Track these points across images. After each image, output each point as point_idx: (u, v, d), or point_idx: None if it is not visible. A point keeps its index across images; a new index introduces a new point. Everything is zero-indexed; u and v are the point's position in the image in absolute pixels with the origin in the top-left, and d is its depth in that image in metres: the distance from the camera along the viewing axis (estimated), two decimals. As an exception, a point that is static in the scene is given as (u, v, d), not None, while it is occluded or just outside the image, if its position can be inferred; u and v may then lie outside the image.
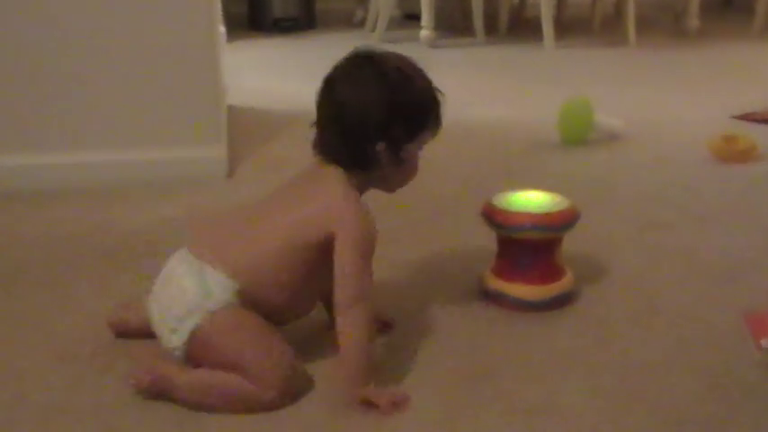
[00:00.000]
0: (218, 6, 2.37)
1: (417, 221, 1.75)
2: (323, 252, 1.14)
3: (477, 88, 3.05)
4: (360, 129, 1.17)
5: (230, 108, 2.52)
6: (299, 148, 1.31)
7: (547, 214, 1.33)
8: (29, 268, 1.55)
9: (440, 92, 1.22)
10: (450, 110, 1.23)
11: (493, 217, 1.36)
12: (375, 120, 1.16)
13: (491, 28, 4.10)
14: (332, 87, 1.21)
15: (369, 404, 1.10)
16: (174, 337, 1.14)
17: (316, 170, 1.23)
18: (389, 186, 1.26)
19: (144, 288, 1.22)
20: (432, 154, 1.29)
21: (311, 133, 1.25)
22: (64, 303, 1.41)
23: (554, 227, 1.34)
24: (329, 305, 1.22)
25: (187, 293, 1.13)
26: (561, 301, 1.37)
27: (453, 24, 4.37)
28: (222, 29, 2.70)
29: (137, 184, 1.96)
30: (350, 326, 1.13)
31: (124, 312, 1.29)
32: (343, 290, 1.13)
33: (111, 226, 1.75)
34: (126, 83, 1.95)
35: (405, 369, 1.20)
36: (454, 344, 1.27)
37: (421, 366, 1.21)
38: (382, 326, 1.29)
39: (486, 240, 1.43)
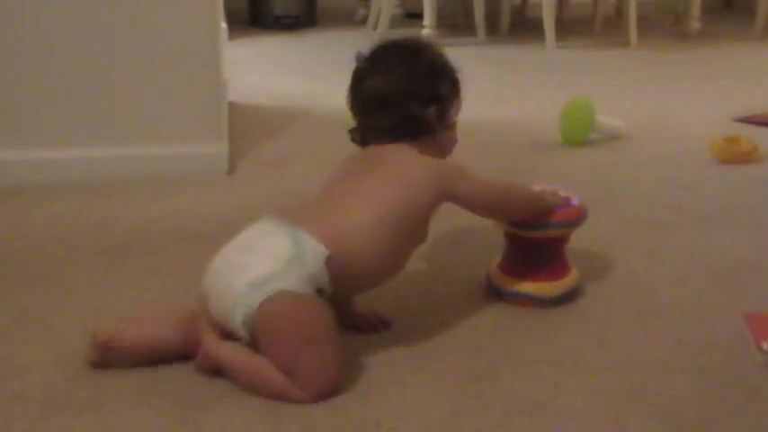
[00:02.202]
0: (220, 3, 2.37)
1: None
2: (425, 216, 1.27)
3: (478, 88, 3.03)
4: (409, 97, 1.29)
5: (231, 105, 2.52)
6: (300, 145, 1.32)
7: (563, 211, 1.35)
8: (29, 263, 1.55)
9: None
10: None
11: None
12: (421, 84, 1.29)
13: (492, 27, 4.10)
14: (366, 73, 1.31)
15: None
16: (239, 310, 1.09)
17: (377, 151, 1.30)
18: (443, 153, 1.36)
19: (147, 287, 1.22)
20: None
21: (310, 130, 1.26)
22: (64, 299, 1.41)
23: (569, 223, 1.36)
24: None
25: (278, 251, 1.11)
26: (570, 297, 1.38)
27: (455, 24, 4.37)
28: (223, 26, 2.70)
29: (137, 180, 1.96)
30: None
31: (128, 330, 1.19)
32: (509, 208, 1.33)
33: (112, 222, 1.75)
34: (127, 79, 1.95)
35: (406, 367, 1.20)
36: (456, 342, 1.27)
37: (423, 364, 1.21)
38: (380, 324, 1.29)
39: (490, 237, 1.43)
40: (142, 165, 1.99)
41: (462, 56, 1.45)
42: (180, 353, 1.18)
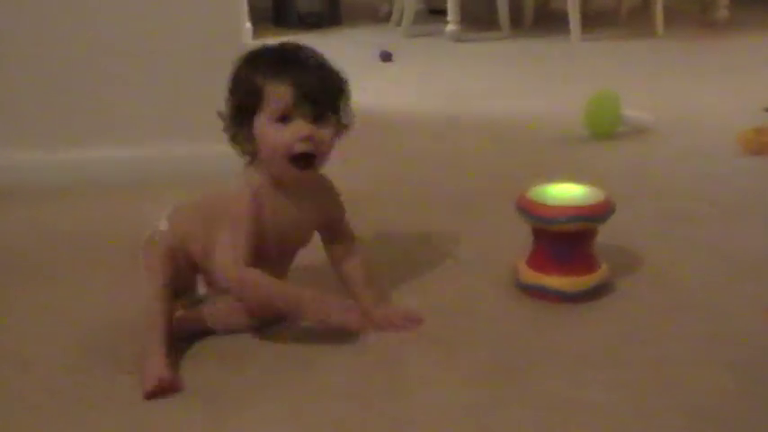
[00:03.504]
0: (244, 3, 2.38)
1: (445, 215, 1.75)
2: None
3: (503, 82, 3.04)
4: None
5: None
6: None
7: (588, 205, 1.35)
8: (53, 262, 1.57)
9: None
10: (476, 103, 1.24)
11: (531, 209, 1.36)
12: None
13: (516, 21, 4.08)
14: None
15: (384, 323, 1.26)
16: None
17: None
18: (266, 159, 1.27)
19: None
20: (458, 147, 1.29)
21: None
22: (85, 297, 1.43)
23: (596, 217, 1.36)
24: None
25: None
26: (598, 292, 1.38)
27: (478, 18, 4.35)
28: (248, 25, 2.71)
29: (162, 179, 1.97)
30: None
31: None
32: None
33: (137, 221, 1.76)
34: (152, 79, 1.97)
35: (433, 360, 1.20)
36: (482, 336, 1.27)
37: (449, 358, 1.21)
38: (408, 323, 1.30)
39: (517, 232, 1.43)
40: (167, 164, 2.00)
41: (487, 50, 1.46)
42: None
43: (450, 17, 3.79)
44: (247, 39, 2.81)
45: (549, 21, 4.23)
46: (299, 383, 1.16)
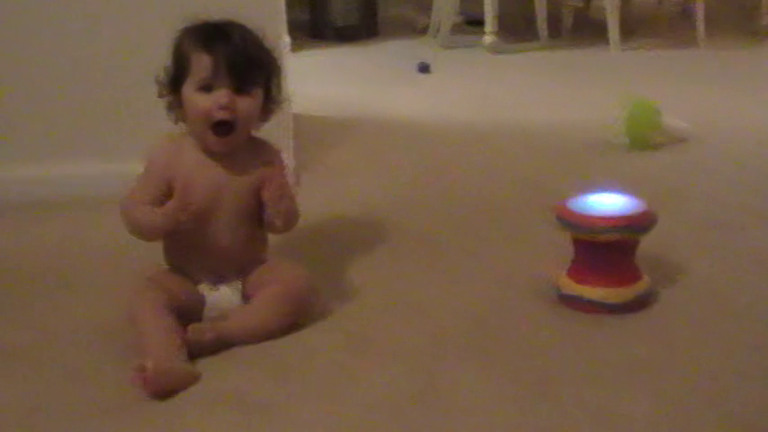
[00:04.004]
0: (283, 17, 2.41)
1: (484, 223, 1.75)
2: None
3: (542, 91, 3.03)
4: None
5: (295, 116, 2.55)
6: (365, 154, 1.33)
7: (631, 215, 1.35)
8: (94, 274, 1.57)
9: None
10: (514, 113, 1.24)
11: (572, 219, 1.36)
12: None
13: (555, 31, 4.07)
14: None
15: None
16: None
17: None
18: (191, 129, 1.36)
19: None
20: (496, 157, 1.29)
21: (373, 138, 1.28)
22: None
23: (638, 228, 1.35)
24: None
25: None
26: (639, 304, 1.37)
27: (516, 28, 4.34)
28: (287, 39, 2.74)
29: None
30: None
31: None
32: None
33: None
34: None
35: (470, 370, 1.20)
36: (522, 347, 1.27)
37: (487, 369, 1.21)
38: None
39: (556, 242, 1.42)
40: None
41: (525, 61, 1.46)
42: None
43: (487, 28, 3.78)
44: (286, 52, 2.83)
45: (587, 30, 4.21)
46: (340, 395, 1.17)
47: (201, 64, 1.29)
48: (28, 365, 1.26)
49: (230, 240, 1.34)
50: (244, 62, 1.29)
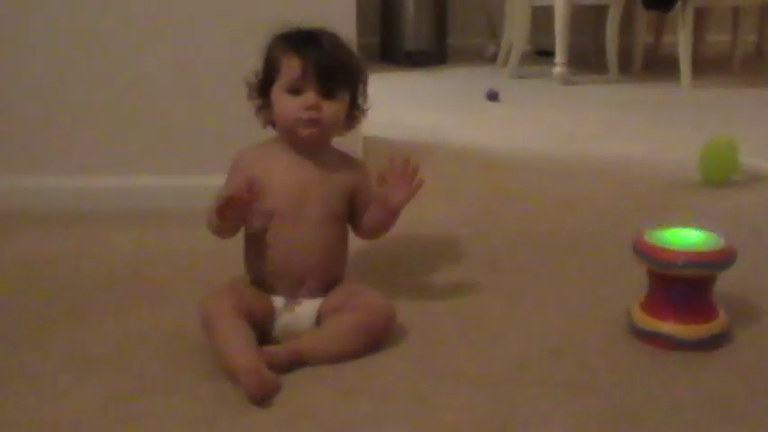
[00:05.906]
0: (354, 41, 2.43)
1: (555, 256, 1.74)
2: None
3: (611, 125, 3.01)
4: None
5: (366, 139, 2.57)
6: (437, 180, 1.33)
7: (709, 251, 1.33)
8: (169, 285, 1.59)
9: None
10: (585, 145, 1.23)
11: (649, 252, 1.34)
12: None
13: (625, 65, 4.04)
14: None
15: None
16: None
17: None
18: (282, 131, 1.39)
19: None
20: (567, 188, 1.27)
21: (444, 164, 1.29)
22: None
23: (717, 264, 1.33)
24: None
25: None
26: (715, 342, 1.34)
27: (586, 61, 4.32)
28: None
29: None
30: None
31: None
32: None
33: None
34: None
35: (546, 403, 1.19)
36: (596, 381, 1.25)
37: (561, 402, 1.19)
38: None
39: (631, 276, 1.40)
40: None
41: (595, 94, 1.45)
42: None
43: (557, 59, 3.78)
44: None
45: (658, 66, 4.18)
46: (415, 418, 1.15)
47: (291, 66, 1.31)
48: (111, 374, 1.27)
49: (315, 245, 1.34)
50: (332, 67, 1.32)
